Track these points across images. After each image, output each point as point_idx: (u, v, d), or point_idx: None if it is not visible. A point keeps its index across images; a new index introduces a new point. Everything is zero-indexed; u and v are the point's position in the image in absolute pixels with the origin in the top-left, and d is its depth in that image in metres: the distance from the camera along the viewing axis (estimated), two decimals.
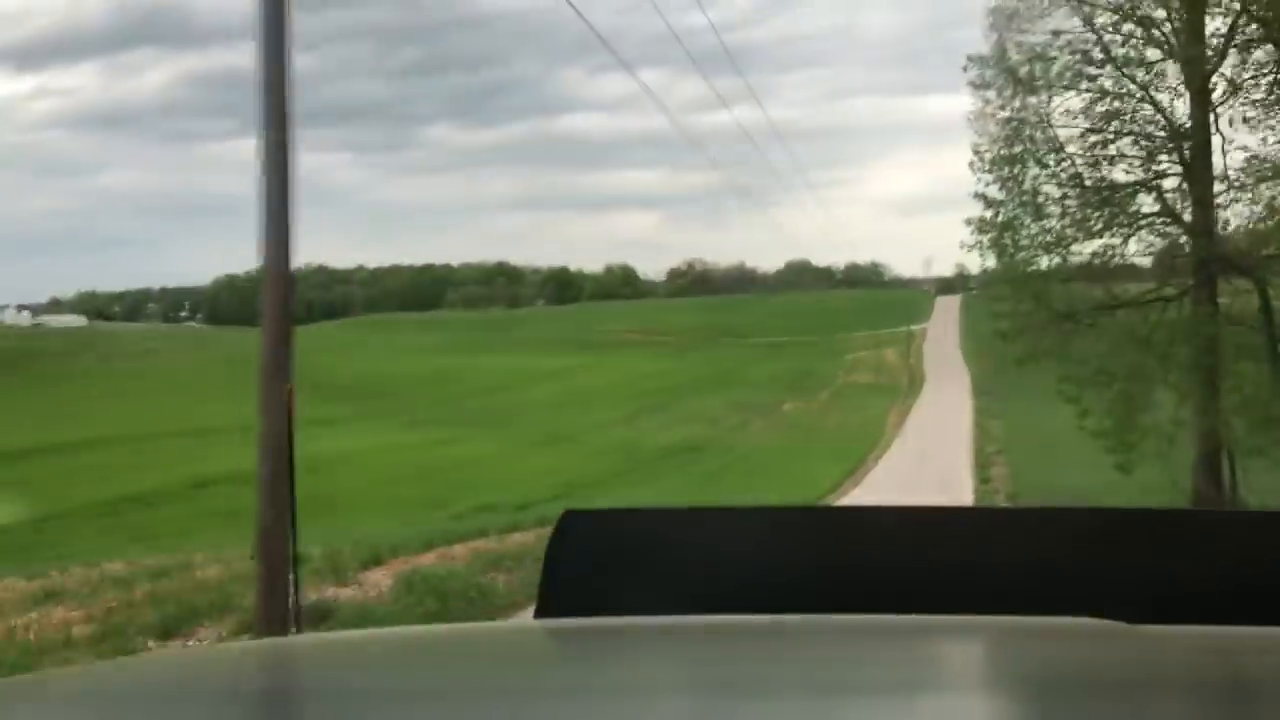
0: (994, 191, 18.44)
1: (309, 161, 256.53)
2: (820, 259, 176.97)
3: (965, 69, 18.32)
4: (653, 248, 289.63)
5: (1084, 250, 18.35)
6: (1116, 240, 18.27)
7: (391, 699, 1.03)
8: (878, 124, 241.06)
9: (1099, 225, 18.04)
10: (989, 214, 18.65)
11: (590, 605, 1.43)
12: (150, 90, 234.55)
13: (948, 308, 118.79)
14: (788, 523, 1.68)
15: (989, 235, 19.07)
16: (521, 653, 1.29)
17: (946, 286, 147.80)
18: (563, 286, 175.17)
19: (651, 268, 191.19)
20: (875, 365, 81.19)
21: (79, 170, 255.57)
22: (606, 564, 1.54)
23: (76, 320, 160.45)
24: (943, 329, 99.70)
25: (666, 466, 41.45)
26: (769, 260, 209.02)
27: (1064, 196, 18.11)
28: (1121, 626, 1.19)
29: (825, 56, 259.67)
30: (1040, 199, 18.12)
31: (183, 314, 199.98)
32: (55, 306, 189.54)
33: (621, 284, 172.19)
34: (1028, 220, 18.49)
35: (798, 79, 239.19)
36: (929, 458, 39.84)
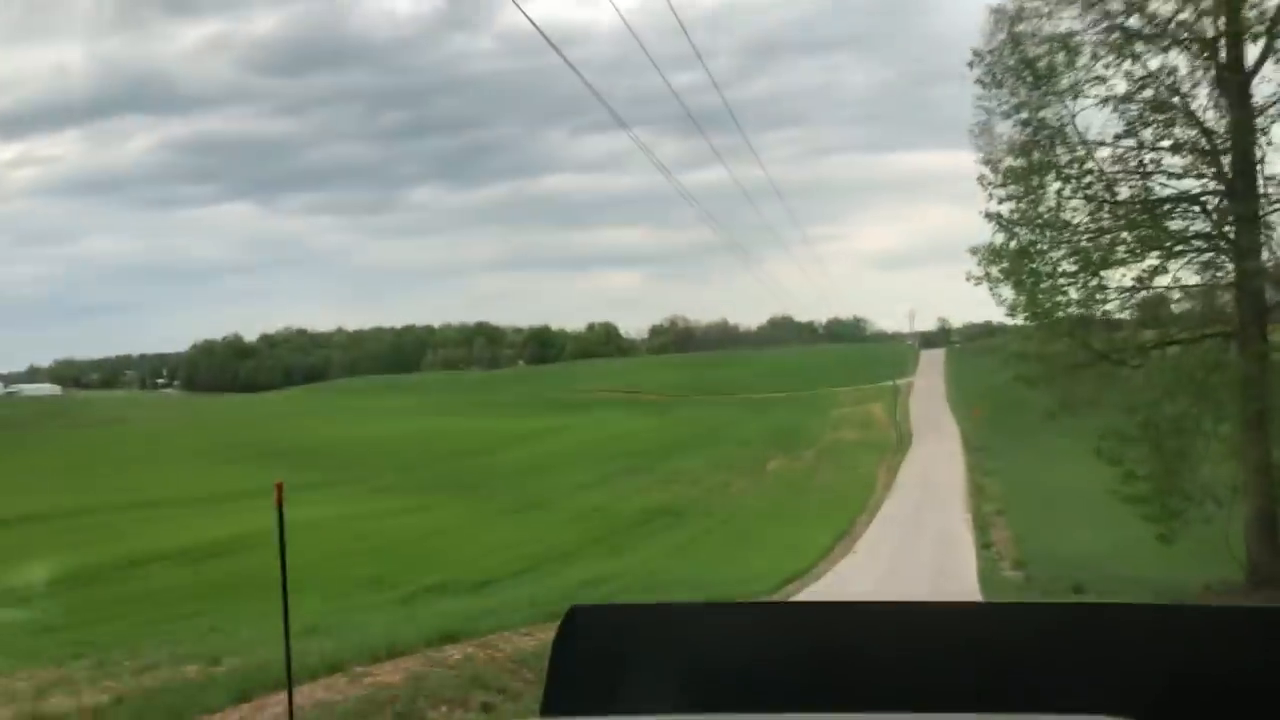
0: (1006, 212, 15.52)
1: (293, 226, 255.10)
2: (802, 314, 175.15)
3: (970, 65, 15.48)
4: (636, 306, 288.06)
5: (1122, 278, 15.35)
6: (1153, 262, 15.27)
7: None
8: (855, 180, 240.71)
9: (1135, 246, 15.10)
10: (1000, 239, 15.67)
11: (595, 702, 1.39)
12: (133, 157, 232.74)
13: (932, 361, 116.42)
14: (793, 617, 1.61)
15: (1000, 266, 16.11)
16: None
17: (929, 340, 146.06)
18: (543, 345, 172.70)
19: (634, 325, 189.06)
20: (862, 421, 78.24)
21: (61, 237, 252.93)
22: (610, 660, 1.49)
23: (50, 389, 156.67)
24: (929, 382, 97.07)
25: (643, 534, 38.18)
26: (751, 316, 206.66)
27: (1095, 211, 15.15)
28: None
29: (803, 116, 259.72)
30: (1065, 214, 15.14)
31: (160, 380, 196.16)
32: (34, 374, 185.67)
33: (603, 342, 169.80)
34: (1046, 246, 15.52)
35: (776, 138, 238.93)
36: (925, 520, 36.71)
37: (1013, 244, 15.63)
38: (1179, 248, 15.20)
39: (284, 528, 5.99)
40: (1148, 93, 14.65)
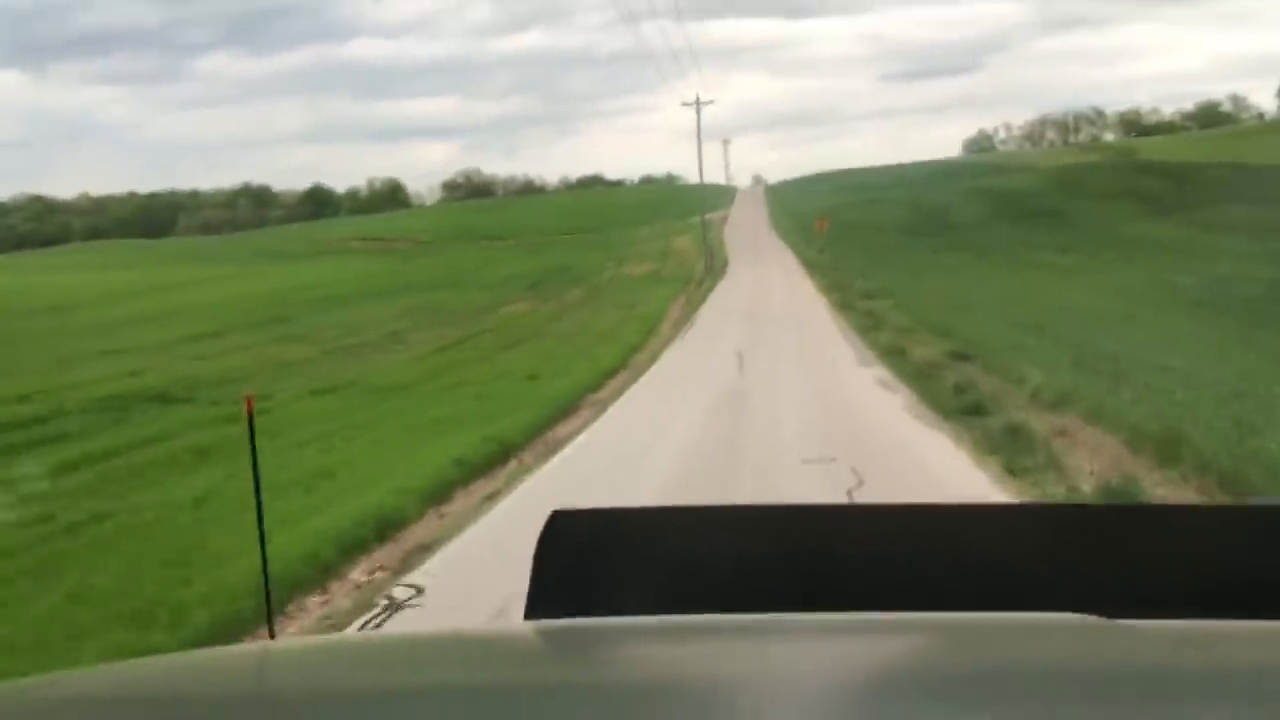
0: None
1: (72, 97, 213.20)
2: (613, 174, 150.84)
3: None
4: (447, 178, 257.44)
5: None
6: None
7: (381, 702, 0.97)
8: (669, 49, 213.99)
9: None
10: None
11: (579, 606, 1.32)
12: None
13: (752, 196, 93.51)
14: (776, 520, 1.49)
15: None
16: (511, 654, 1.20)
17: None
18: (319, 206, 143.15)
19: (425, 184, 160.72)
20: (659, 253, 54.09)
21: None
22: (595, 564, 1.41)
23: None
24: (747, 213, 73.65)
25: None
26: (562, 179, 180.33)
27: None
28: (1101, 621, 1.12)
29: None
30: None
31: None
32: None
33: (386, 200, 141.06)
34: None
35: (590, 3, 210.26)
36: (773, 396, 11.93)
37: None
38: None
39: (254, 439, 4.58)
40: None
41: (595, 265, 50.70)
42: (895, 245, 42.01)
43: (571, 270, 49.43)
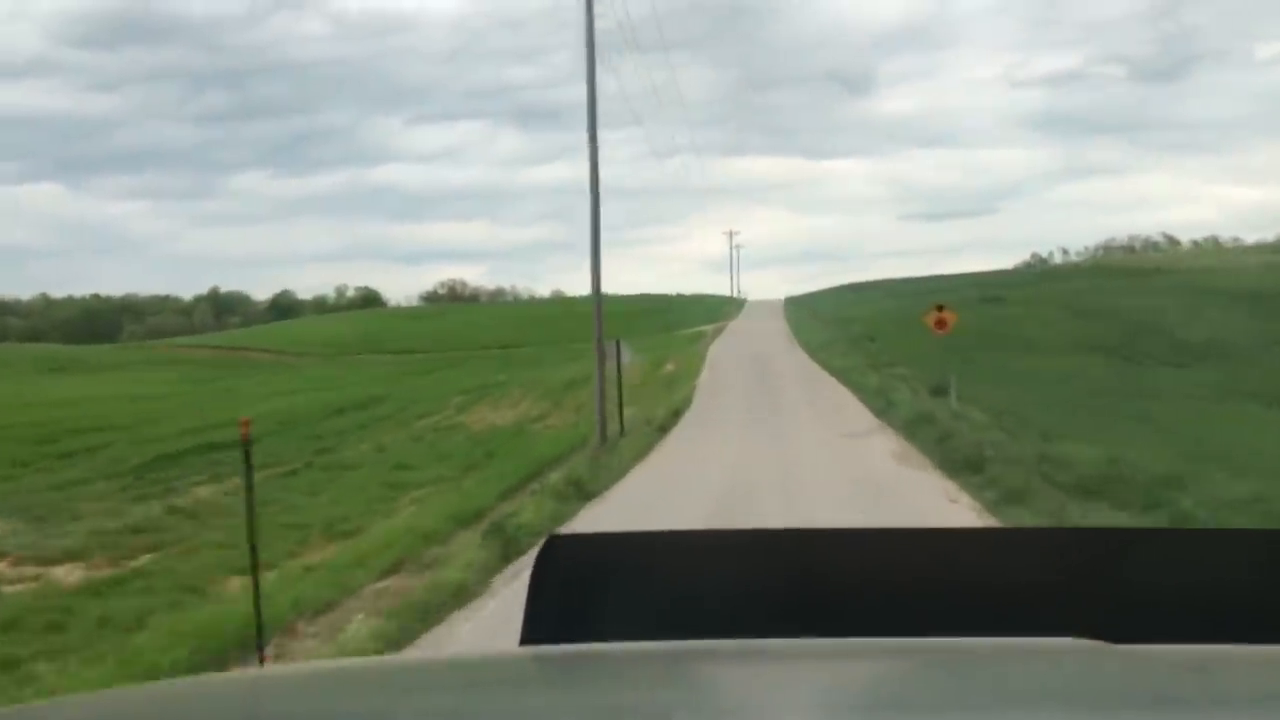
0: None
1: (104, 209, 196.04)
2: (617, 291, 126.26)
3: None
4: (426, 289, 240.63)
5: None
6: None
7: None
8: (692, 183, 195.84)
9: None
10: None
11: (575, 630, 1.25)
12: None
13: (766, 307, 67.23)
14: (773, 545, 1.40)
15: None
16: (507, 680, 1.13)
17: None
18: (283, 312, 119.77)
19: (404, 294, 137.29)
20: (564, 383, 26.69)
21: None
22: (591, 589, 1.33)
23: None
24: (756, 323, 47.71)
25: None
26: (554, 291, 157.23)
27: None
28: (1104, 646, 1.07)
29: (642, 115, 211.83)
30: None
31: None
32: None
33: (357, 309, 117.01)
34: None
35: (616, 137, 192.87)
36: None
37: None
38: None
39: (249, 461, 5.20)
40: None
41: (431, 401, 23.89)
42: (1133, 381, 14.96)
43: (368, 411, 22.57)
